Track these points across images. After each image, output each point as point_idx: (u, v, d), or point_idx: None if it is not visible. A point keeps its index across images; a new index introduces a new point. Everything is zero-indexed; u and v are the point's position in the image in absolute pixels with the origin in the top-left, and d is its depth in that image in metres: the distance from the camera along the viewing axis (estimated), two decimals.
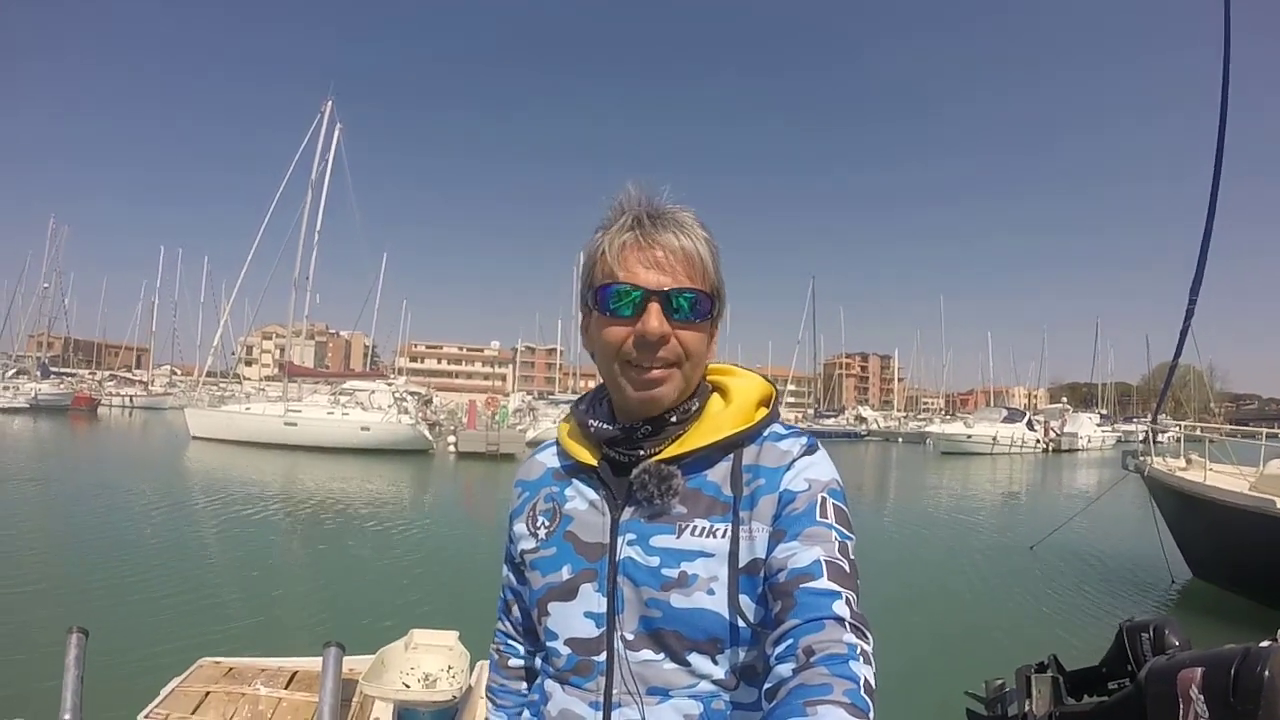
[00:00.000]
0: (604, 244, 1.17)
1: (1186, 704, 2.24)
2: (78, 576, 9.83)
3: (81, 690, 2.84)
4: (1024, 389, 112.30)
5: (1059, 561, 12.58)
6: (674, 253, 1.14)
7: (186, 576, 10.01)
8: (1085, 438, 57.43)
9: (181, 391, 58.59)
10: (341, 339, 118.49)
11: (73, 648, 2.90)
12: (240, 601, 9.09)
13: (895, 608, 9.53)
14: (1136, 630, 2.97)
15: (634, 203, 1.18)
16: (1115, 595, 10.55)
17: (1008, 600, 10.28)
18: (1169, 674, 2.34)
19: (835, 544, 1.06)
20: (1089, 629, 8.14)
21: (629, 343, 1.14)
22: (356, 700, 3.70)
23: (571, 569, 1.19)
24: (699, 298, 1.15)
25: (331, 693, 3.17)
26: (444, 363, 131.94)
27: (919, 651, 7.77)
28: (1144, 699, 2.44)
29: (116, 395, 60.73)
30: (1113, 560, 12.68)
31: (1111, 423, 70.34)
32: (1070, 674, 3.24)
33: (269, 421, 32.11)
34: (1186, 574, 11.32)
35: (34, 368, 59.16)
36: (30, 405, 48.66)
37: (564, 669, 1.19)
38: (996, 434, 49.32)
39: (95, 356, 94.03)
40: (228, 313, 45.75)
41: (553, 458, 1.34)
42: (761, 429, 1.21)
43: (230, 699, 3.69)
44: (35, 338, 68.69)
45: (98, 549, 11.48)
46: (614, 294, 1.14)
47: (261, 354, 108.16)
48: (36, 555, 11.14)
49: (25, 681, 5.77)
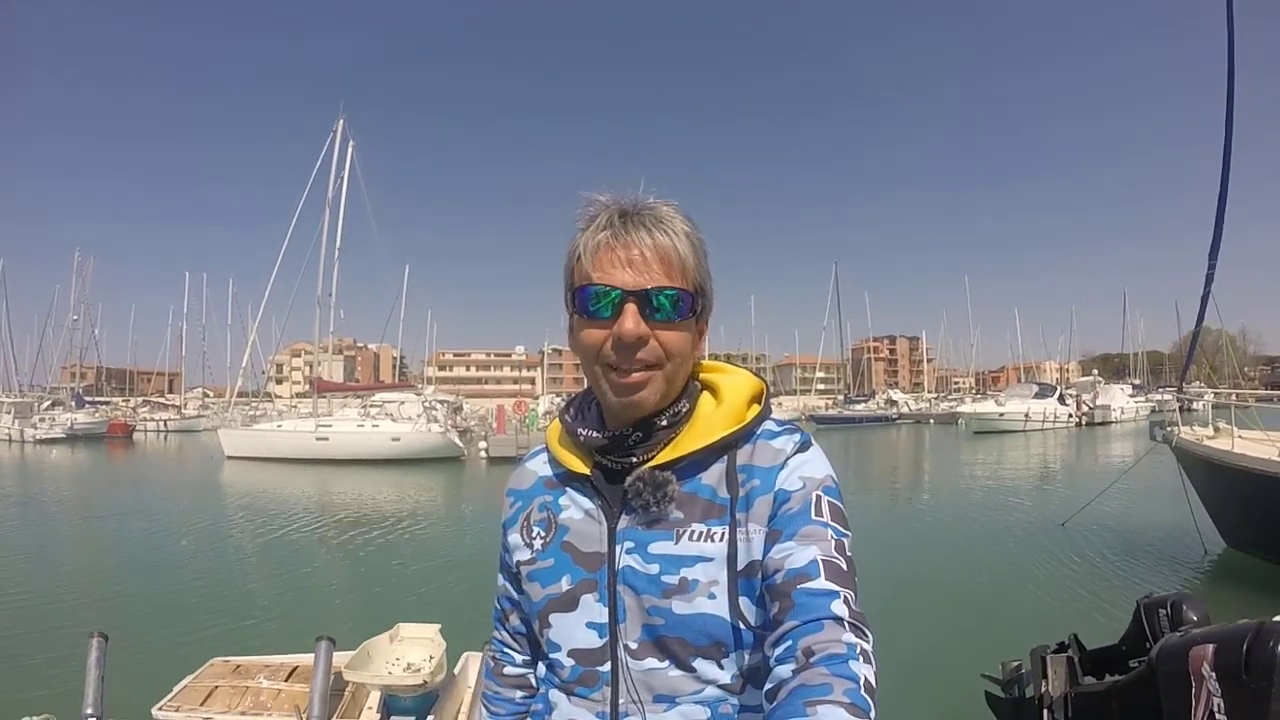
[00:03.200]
0: (580, 244, 1.14)
1: (1199, 682, 2.21)
2: (110, 586, 10.67)
3: (102, 688, 3.09)
4: (1055, 363, 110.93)
5: (1090, 537, 12.42)
6: (650, 250, 1.11)
7: (217, 586, 10.51)
8: (1118, 409, 56.37)
9: (214, 413, 58.92)
10: (370, 352, 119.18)
11: (94, 650, 3.14)
12: (266, 609, 9.45)
13: (924, 591, 9.53)
14: (1154, 606, 2.94)
15: (611, 200, 1.16)
16: (1145, 570, 10.41)
17: (1036, 579, 10.15)
18: (1181, 652, 2.31)
19: (832, 542, 1.06)
20: (1116, 606, 8.00)
21: (608, 345, 1.12)
22: (349, 691, 3.88)
23: (571, 579, 1.19)
24: (680, 296, 1.12)
25: (321, 682, 3.37)
26: (472, 369, 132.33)
27: (944, 634, 7.75)
28: (1156, 677, 2.41)
29: (151, 420, 61.26)
30: (1144, 534, 12.49)
31: (1145, 393, 69.28)
32: (1091, 653, 3.21)
33: (301, 437, 32.36)
34: (1220, 545, 11.14)
35: (68, 398, 59.74)
36: (67, 435, 49.18)
37: (569, 680, 1.19)
38: (1028, 410, 48.60)
39: (128, 384, 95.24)
40: (255, 332, 46.50)
41: (544, 465, 1.32)
42: (754, 427, 1.19)
43: (235, 692, 3.94)
44: (68, 369, 69.30)
45: (131, 563, 12.29)
46: (591, 295, 1.11)
47: (291, 371, 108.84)
48: (74, 571, 11.91)
49: (60, 681, 6.18)
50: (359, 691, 3.89)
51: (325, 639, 3.45)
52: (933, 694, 6.01)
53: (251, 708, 3.79)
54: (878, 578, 9.58)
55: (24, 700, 4.59)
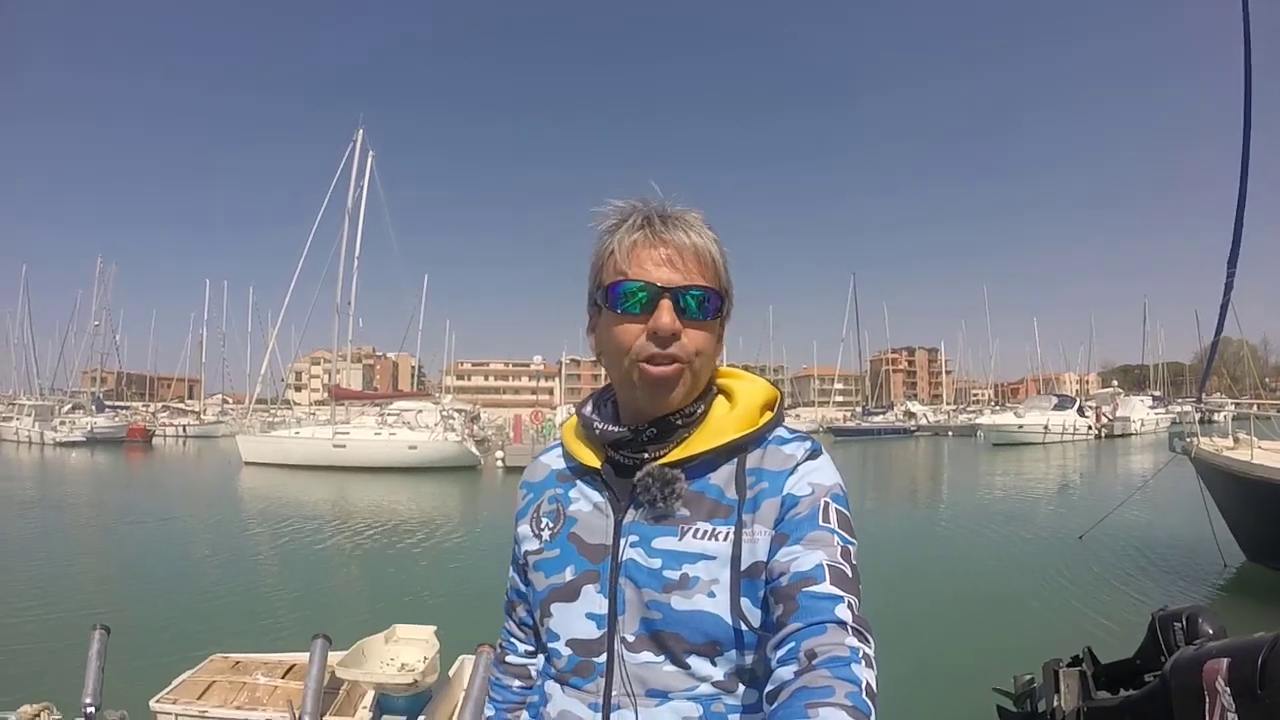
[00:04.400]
0: (613, 243, 1.18)
1: (1213, 697, 2.18)
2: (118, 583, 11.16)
3: (102, 679, 3.21)
4: (1074, 375, 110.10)
5: (1107, 550, 12.34)
6: (684, 250, 1.15)
7: (225, 586, 10.73)
8: (1138, 421, 56.01)
9: (233, 419, 59.22)
10: (388, 361, 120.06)
11: (95, 642, 3.26)
12: (272, 609, 9.60)
13: (938, 603, 9.52)
14: (1169, 620, 2.91)
15: (641, 203, 1.20)
16: (1162, 583, 10.31)
17: (1051, 592, 10.07)
18: (1195, 665, 2.29)
19: (838, 548, 1.07)
20: (1131, 619, 7.91)
21: (640, 340, 1.15)
22: (343, 689, 3.94)
23: (575, 570, 1.21)
24: (708, 295, 1.16)
25: (315, 679, 3.46)
26: (490, 379, 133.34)
27: (957, 647, 7.72)
28: (1170, 692, 2.38)
29: (170, 426, 61.60)
30: (1162, 546, 12.39)
31: (1165, 404, 68.67)
32: (1104, 667, 3.18)
33: (318, 444, 32.56)
34: (1239, 557, 11.02)
35: (89, 402, 60.32)
36: (87, 438, 49.58)
37: (565, 670, 1.20)
38: (1048, 422, 48.31)
39: (148, 389, 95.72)
40: (274, 340, 46.70)
41: (557, 459, 1.36)
42: (766, 433, 1.21)
43: (232, 687, 4.02)
44: (89, 373, 70.08)
45: (142, 561, 12.66)
46: (624, 292, 1.15)
47: (310, 379, 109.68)
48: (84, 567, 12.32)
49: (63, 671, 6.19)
50: (353, 690, 3.96)
51: (321, 637, 3.53)
52: (944, 707, 5.99)
53: (247, 703, 3.87)
54: (893, 588, 9.55)
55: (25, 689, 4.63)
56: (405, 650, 4.20)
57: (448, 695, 3.97)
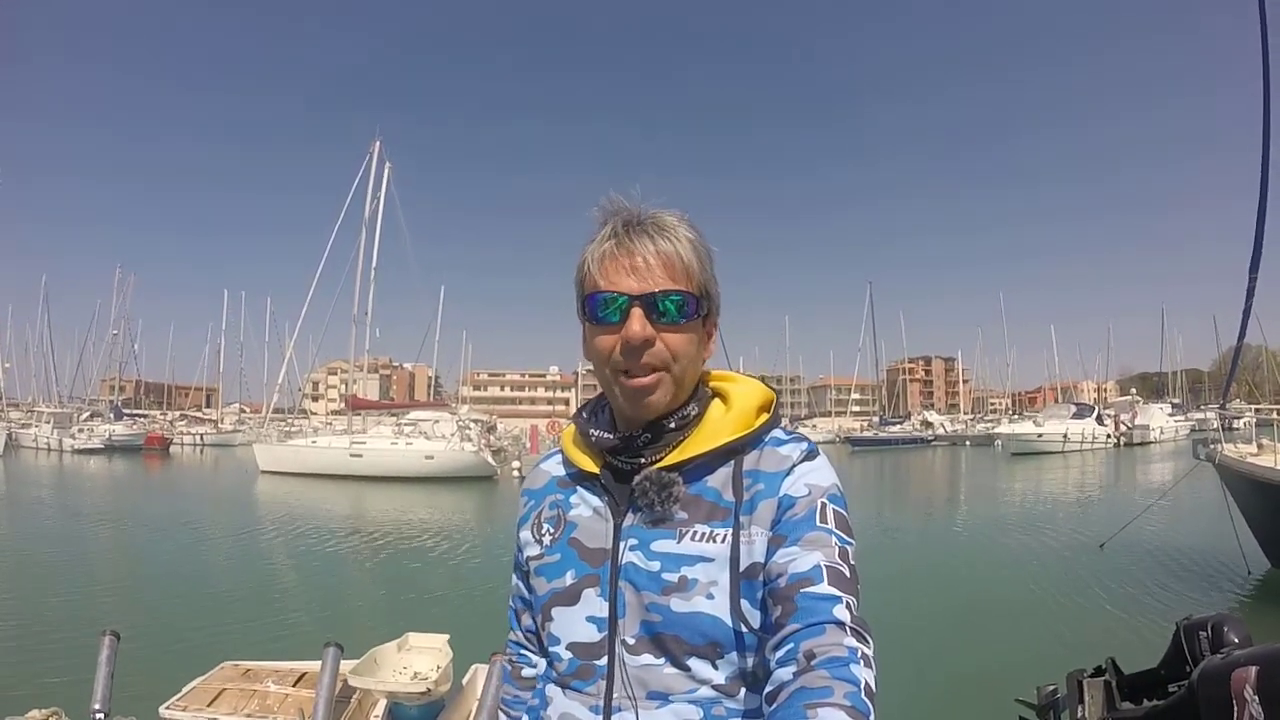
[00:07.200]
0: (587, 255, 1.20)
1: (1240, 706, 2.12)
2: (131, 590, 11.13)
3: (111, 685, 3.16)
4: (1092, 383, 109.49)
5: (1129, 559, 12.23)
6: (652, 256, 1.16)
7: (238, 593, 10.77)
8: (1157, 429, 55.55)
9: (250, 428, 59.63)
10: (405, 371, 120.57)
11: (105, 648, 3.22)
12: (284, 618, 9.63)
13: (958, 613, 9.47)
14: (1194, 628, 2.85)
15: (616, 211, 1.21)
16: (1185, 591, 10.21)
17: (1073, 601, 10.00)
18: (1222, 674, 2.23)
19: (835, 549, 1.08)
20: (1155, 628, 7.87)
21: (617, 350, 1.16)
22: (355, 698, 3.94)
23: (575, 574, 1.22)
24: (684, 299, 1.17)
25: (327, 688, 3.40)
26: (507, 389, 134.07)
27: (978, 657, 7.64)
28: (1196, 701, 2.33)
29: (187, 434, 62.12)
30: (1185, 554, 12.30)
31: (1184, 412, 68.12)
32: (1128, 677, 3.13)
33: (335, 453, 32.64)
34: (1264, 564, 10.94)
35: (107, 410, 60.63)
36: (105, 446, 49.97)
37: (566, 673, 1.21)
38: (1066, 431, 48.15)
39: (166, 397, 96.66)
40: (292, 350, 46.98)
41: (557, 466, 1.37)
42: (762, 434, 1.22)
43: (242, 695, 4.00)
44: (108, 381, 70.77)
45: (156, 568, 12.75)
46: (599, 302, 1.17)
47: (327, 389, 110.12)
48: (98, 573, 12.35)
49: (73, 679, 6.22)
50: (365, 698, 3.97)
51: (333, 645, 3.50)
52: (966, 717, 5.92)
53: (257, 711, 3.86)
54: (914, 597, 9.51)
55: (35, 694, 4.63)
56: (418, 659, 4.21)
57: (460, 705, 3.95)
